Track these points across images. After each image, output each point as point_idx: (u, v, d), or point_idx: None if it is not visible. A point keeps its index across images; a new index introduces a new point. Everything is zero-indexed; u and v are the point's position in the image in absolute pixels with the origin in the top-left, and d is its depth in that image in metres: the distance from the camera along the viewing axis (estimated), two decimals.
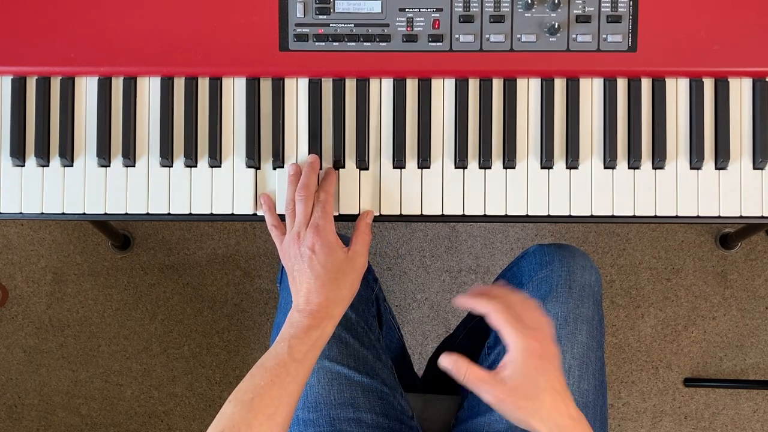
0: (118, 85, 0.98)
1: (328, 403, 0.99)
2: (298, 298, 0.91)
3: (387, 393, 1.03)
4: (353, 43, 0.96)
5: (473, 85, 0.98)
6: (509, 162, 0.97)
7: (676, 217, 0.98)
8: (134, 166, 0.98)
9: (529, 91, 0.98)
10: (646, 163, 0.98)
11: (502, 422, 0.99)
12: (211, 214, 0.99)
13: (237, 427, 0.78)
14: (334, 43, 0.96)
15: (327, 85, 0.98)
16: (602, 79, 0.98)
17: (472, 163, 0.98)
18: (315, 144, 0.98)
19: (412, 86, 0.98)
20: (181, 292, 1.78)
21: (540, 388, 0.81)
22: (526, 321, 0.84)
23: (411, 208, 0.98)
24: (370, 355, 1.03)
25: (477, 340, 1.24)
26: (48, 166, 0.98)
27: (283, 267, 1.06)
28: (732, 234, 1.72)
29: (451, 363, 0.84)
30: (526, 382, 0.81)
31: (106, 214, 0.98)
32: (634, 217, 0.98)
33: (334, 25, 0.96)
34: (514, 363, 0.82)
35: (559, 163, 0.98)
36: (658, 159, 0.97)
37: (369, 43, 0.96)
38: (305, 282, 0.90)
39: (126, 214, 0.98)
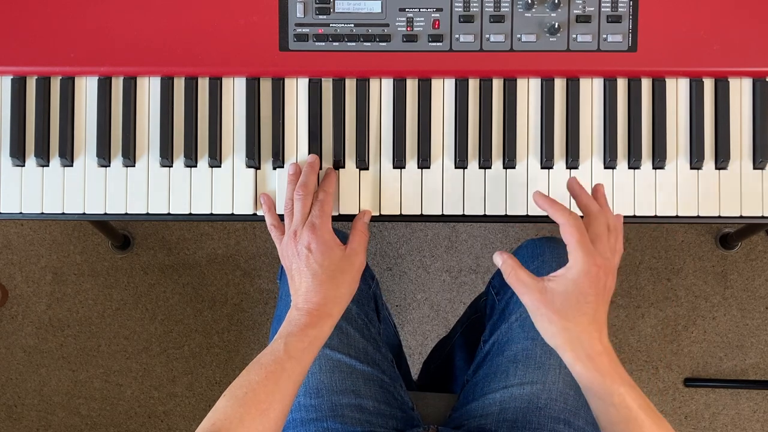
0: (118, 85, 0.98)
1: (329, 390, 0.99)
2: (296, 297, 0.91)
3: (387, 383, 1.04)
4: (353, 43, 0.96)
5: (473, 85, 0.98)
6: (509, 162, 0.97)
7: (676, 217, 0.98)
8: (134, 166, 0.98)
9: (529, 91, 0.98)
10: (646, 163, 0.98)
11: (496, 405, 1.00)
12: (211, 214, 0.99)
13: (228, 421, 0.78)
14: (334, 43, 0.96)
15: (327, 85, 0.98)
16: (602, 79, 0.98)
17: (472, 163, 0.98)
18: (315, 144, 0.98)
19: (412, 86, 0.98)
20: (181, 292, 1.78)
21: (579, 312, 0.81)
22: (599, 247, 0.84)
23: (411, 208, 0.98)
24: (371, 346, 1.04)
25: (473, 336, 1.25)
26: (48, 166, 0.98)
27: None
28: (732, 234, 1.72)
29: (501, 260, 0.87)
30: (568, 300, 0.81)
31: (106, 214, 0.98)
32: (634, 217, 0.98)
33: (334, 25, 0.96)
34: (564, 279, 0.82)
35: (560, 163, 0.98)
36: (658, 159, 0.97)
37: (369, 43, 0.96)
38: (303, 281, 0.90)
39: (126, 214, 0.98)
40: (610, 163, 0.97)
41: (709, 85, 0.98)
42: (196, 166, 0.98)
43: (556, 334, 0.82)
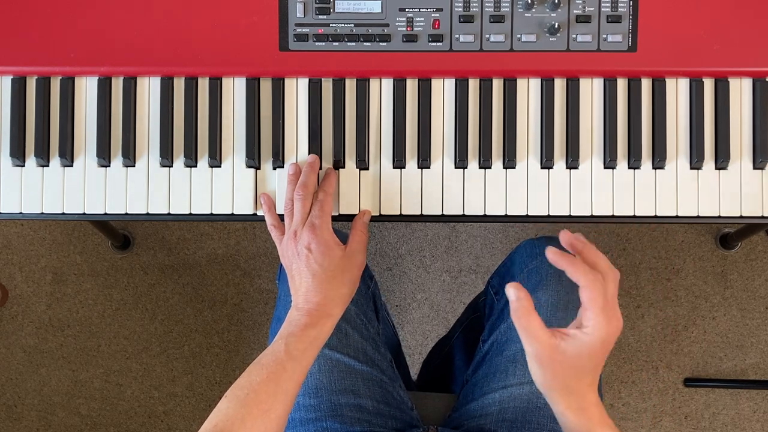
0: (118, 85, 0.98)
1: (329, 389, 0.99)
2: (297, 297, 0.91)
3: (387, 383, 1.04)
4: (353, 43, 0.96)
5: (473, 85, 0.98)
6: (509, 162, 0.97)
7: (676, 217, 0.98)
8: (134, 166, 0.98)
9: (529, 91, 0.98)
10: (646, 163, 0.98)
11: (495, 405, 1.00)
12: (211, 214, 0.99)
13: (230, 422, 0.78)
14: (334, 43, 0.96)
15: (327, 85, 0.98)
16: (602, 79, 0.98)
17: (472, 163, 0.98)
18: (315, 144, 0.98)
19: (412, 86, 0.98)
20: (181, 292, 1.78)
21: (585, 372, 0.79)
22: (614, 308, 0.78)
23: (411, 208, 0.98)
24: (370, 346, 1.04)
25: (472, 336, 1.25)
26: (48, 166, 0.98)
27: (282, 265, 1.06)
28: (732, 234, 1.72)
29: (515, 296, 0.77)
30: (578, 363, 0.78)
31: (106, 214, 0.98)
32: (634, 217, 0.98)
33: (334, 25, 0.96)
34: (579, 342, 0.77)
35: (559, 163, 0.98)
36: (658, 159, 0.97)
37: (369, 43, 0.96)
38: (303, 281, 0.90)
39: (126, 214, 0.98)
40: (610, 163, 0.97)
41: (709, 85, 0.98)
42: (196, 166, 0.98)
43: (553, 387, 0.80)
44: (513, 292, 0.78)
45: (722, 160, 0.97)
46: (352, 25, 0.96)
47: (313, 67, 0.97)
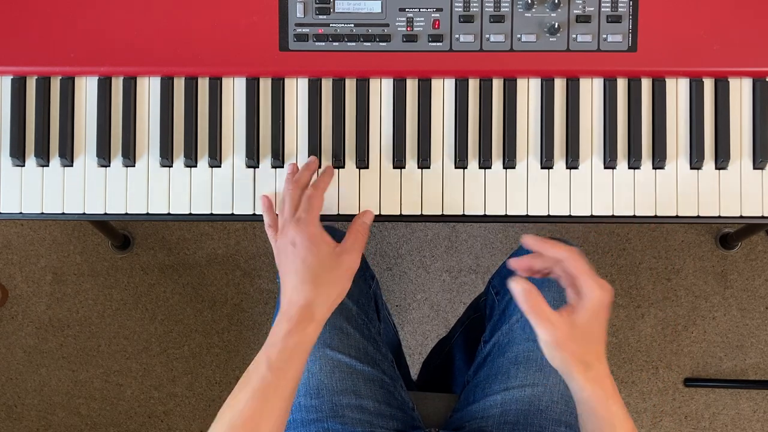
0: (118, 85, 0.98)
1: (330, 390, 0.99)
2: (283, 298, 0.88)
3: (388, 383, 1.04)
4: (353, 43, 0.96)
5: (473, 85, 0.98)
6: (509, 162, 0.97)
7: (676, 217, 0.98)
8: (134, 166, 0.98)
9: (529, 91, 0.98)
10: (646, 163, 0.98)
11: (496, 407, 1.00)
12: (211, 214, 0.99)
13: None
14: (334, 43, 0.96)
15: (327, 85, 0.98)
16: (602, 79, 0.98)
17: (472, 163, 0.98)
18: (315, 144, 0.98)
19: (412, 86, 0.98)
20: (181, 292, 1.78)
21: (596, 341, 0.82)
22: (596, 275, 0.83)
23: (411, 208, 0.98)
24: (371, 346, 1.04)
25: (473, 336, 1.25)
26: (48, 166, 0.98)
27: None
28: (732, 234, 1.72)
29: (520, 290, 0.81)
30: (590, 332, 0.81)
31: (106, 214, 0.98)
32: (634, 217, 0.98)
33: (334, 25, 0.96)
34: (586, 311, 0.81)
35: (559, 163, 0.98)
36: (658, 159, 0.97)
37: (369, 43, 0.96)
38: (289, 280, 0.87)
39: (126, 214, 0.98)
40: (610, 163, 0.97)
41: (709, 85, 0.98)
42: (196, 166, 0.98)
43: (572, 364, 0.81)
44: (517, 285, 0.81)
45: (722, 160, 0.97)
46: (352, 25, 0.96)
47: (313, 67, 0.97)
